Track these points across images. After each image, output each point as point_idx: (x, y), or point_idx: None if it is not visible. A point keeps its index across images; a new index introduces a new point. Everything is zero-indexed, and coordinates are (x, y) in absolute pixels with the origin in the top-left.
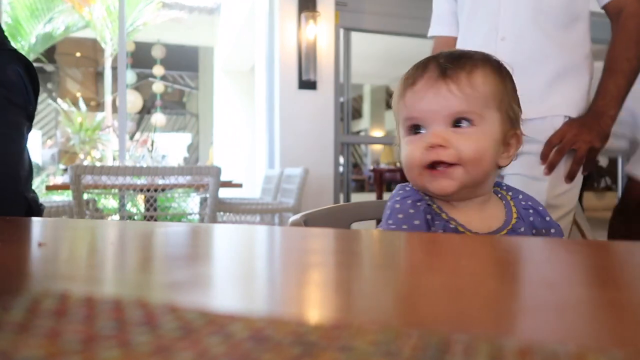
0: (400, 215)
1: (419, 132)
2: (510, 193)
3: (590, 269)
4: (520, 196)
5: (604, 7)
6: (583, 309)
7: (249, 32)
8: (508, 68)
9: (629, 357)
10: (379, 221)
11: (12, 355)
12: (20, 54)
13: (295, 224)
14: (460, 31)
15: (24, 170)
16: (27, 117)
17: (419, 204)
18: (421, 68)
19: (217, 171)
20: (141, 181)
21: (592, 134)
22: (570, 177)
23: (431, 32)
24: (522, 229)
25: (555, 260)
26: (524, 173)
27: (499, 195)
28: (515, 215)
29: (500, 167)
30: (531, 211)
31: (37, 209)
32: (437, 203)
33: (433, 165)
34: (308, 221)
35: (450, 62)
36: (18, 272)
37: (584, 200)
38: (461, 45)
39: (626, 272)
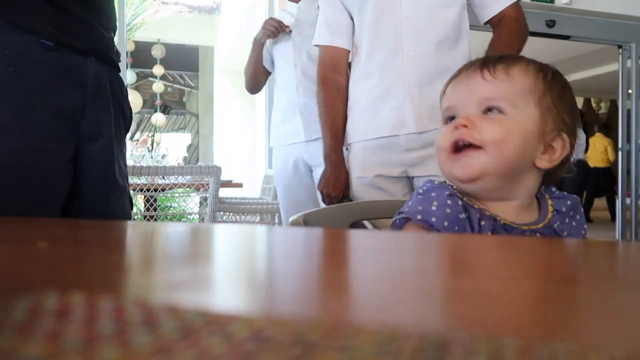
0: (435, 203)
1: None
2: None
3: (596, 268)
4: (568, 201)
5: (487, 23)
6: (585, 308)
7: (249, 31)
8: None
9: (629, 357)
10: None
11: (13, 355)
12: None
13: (295, 223)
14: (363, 46)
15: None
16: None
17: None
18: (467, 65)
19: (217, 171)
20: (141, 181)
21: None
22: None
23: (323, 40)
24: (557, 224)
25: (567, 261)
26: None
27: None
28: (550, 210)
29: (541, 169)
30: (572, 213)
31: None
32: (466, 198)
33: (459, 149)
34: (308, 221)
35: (492, 57)
36: (18, 272)
37: (583, 200)
38: (369, 60)
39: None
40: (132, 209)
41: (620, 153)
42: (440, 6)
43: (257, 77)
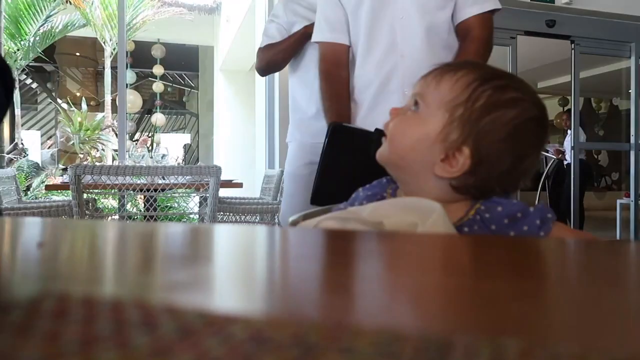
0: (355, 203)
1: None
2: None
3: (585, 267)
4: (500, 208)
5: (456, 29)
6: (586, 309)
7: (249, 31)
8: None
9: (629, 357)
10: None
11: (12, 356)
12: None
13: (295, 223)
14: (360, 44)
15: None
16: None
17: (377, 195)
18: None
19: (217, 171)
20: (141, 181)
21: None
22: None
23: (324, 37)
24: (476, 227)
25: (559, 260)
26: None
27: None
28: (471, 213)
29: (442, 178)
30: (506, 221)
31: None
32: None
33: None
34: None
35: (450, 63)
36: (18, 272)
37: (584, 199)
38: (363, 58)
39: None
40: None
41: (573, 152)
42: (434, 8)
43: (283, 65)
